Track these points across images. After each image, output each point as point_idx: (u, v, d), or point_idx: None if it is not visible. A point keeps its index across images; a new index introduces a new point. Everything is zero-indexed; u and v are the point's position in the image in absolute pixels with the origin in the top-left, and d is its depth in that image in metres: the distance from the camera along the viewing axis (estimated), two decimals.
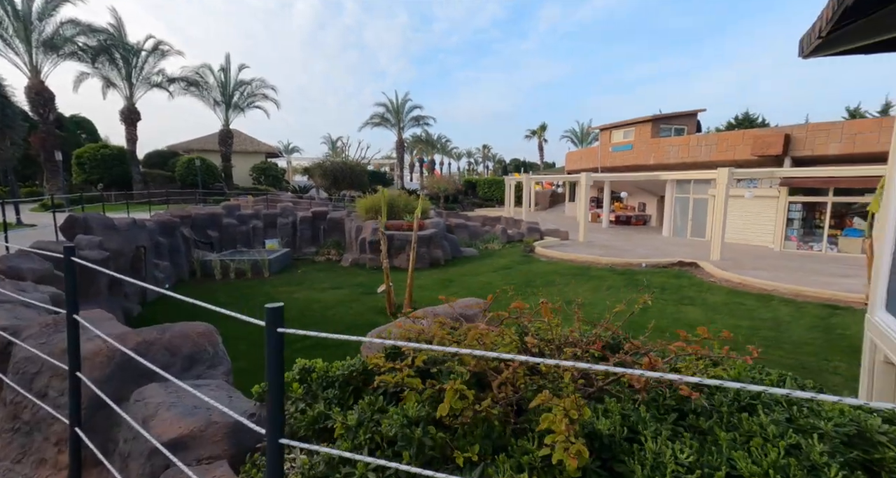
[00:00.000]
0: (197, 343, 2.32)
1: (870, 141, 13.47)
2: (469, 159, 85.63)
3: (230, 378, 2.40)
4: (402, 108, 45.10)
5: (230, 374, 2.43)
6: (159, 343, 2.20)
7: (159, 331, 2.30)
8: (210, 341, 2.39)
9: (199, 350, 2.32)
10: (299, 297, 8.72)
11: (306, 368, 1.92)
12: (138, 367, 1.94)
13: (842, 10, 2.42)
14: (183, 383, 1.63)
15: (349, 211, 15.54)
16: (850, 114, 37.07)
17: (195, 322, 2.50)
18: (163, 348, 2.20)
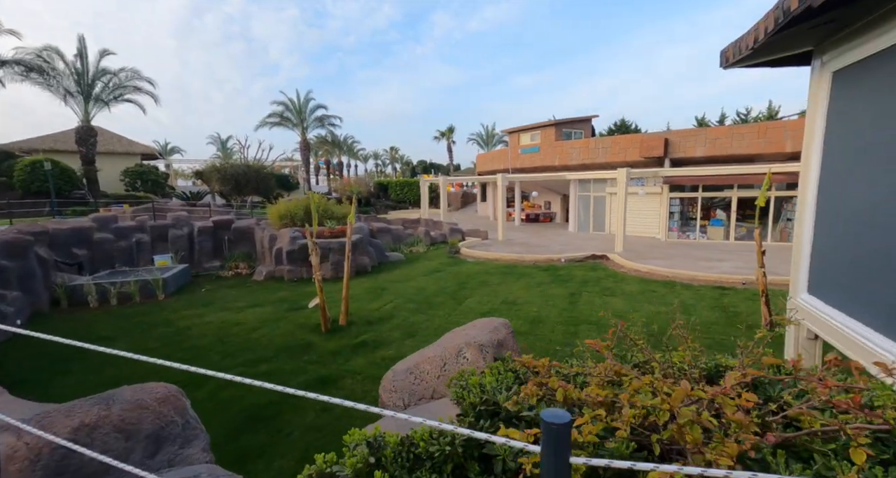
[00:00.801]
0: (160, 414, 1.74)
1: (725, 145, 16.08)
2: (377, 161, 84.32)
3: (210, 455, 1.84)
4: (305, 108, 42.62)
5: (209, 448, 1.86)
6: (107, 423, 1.59)
7: (101, 404, 1.66)
8: (177, 408, 1.81)
9: (165, 424, 1.74)
10: (212, 320, 7.56)
11: (375, 440, 1.40)
12: (83, 465, 1.35)
13: (787, 20, 2.68)
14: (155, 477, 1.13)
15: (258, 219, 14.07)
16: (699, 122, 44.15)
17: (149, 384, 1.88)
18: (113, 430, 1.59)
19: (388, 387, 1.85)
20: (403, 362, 1.96)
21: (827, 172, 3.25)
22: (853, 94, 2.99)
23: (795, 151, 14.90)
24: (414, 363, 1.82)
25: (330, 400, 1.46)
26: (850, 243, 2.93)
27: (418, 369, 1.78)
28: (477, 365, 1.74)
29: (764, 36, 2.97)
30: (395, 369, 1.91)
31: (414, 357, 1.95)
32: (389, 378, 1.89)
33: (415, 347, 6.07)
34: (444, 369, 1.77)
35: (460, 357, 1.79)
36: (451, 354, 1.81)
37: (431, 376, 1.77)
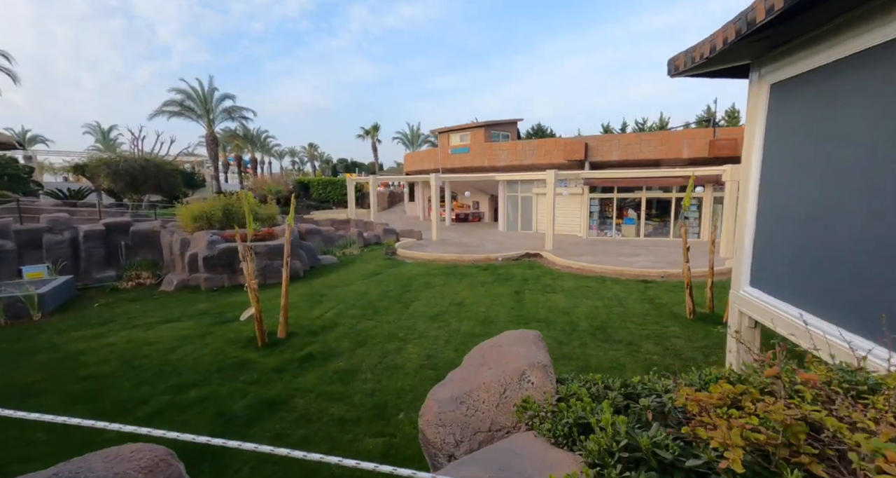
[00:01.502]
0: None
1: (635, 151, 17.70)
2: (293, 159, 79.88)
3: None
4: (211, 97, 38.85)
5: None
6: None
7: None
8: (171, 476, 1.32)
9: None
10: (114, 341, 6.39)
11: None
12: None
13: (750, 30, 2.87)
14: None
15: (164, 220, 12.35)
16: (605, 129, 48.37)
17: (126, 448, 1.36)
18: None
19: (434, 420, 1.56)
20: (444, 389, 1.68)
21: (767, 175, 3.59)
22: (790, 105, 3.32)
23: (691, 156, 16.89)
24: (464, 391, 1.56)
25: (377, 467, 1.16)
26: (789, 240, 3.25)
27: (471, 398, 1.53)
28: (544, 390, 1.55)
29: (722, 45, 3.17)
30: (438, 397, 1.62)
31: (458, 383, 1.69)
32: (433, 410, 1.60)
33: (367, 356, 5.70)
34: (504, 396, 1.55)
35: (524, 381, 1.57)
36: (512, 378, 1.58)
37: (488, 405, 1.53)
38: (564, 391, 1.52)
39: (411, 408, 4.38)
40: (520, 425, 1.44)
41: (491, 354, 1.93)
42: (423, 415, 1.65)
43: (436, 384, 1.87)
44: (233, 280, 10.08)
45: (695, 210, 17.56)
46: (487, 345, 2.20)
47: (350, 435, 3.93)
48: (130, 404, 4.47)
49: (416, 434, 3.91)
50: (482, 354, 2.03)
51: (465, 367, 1.87)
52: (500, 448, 1.24)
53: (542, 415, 1.35)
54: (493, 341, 2.20)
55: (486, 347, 2.17)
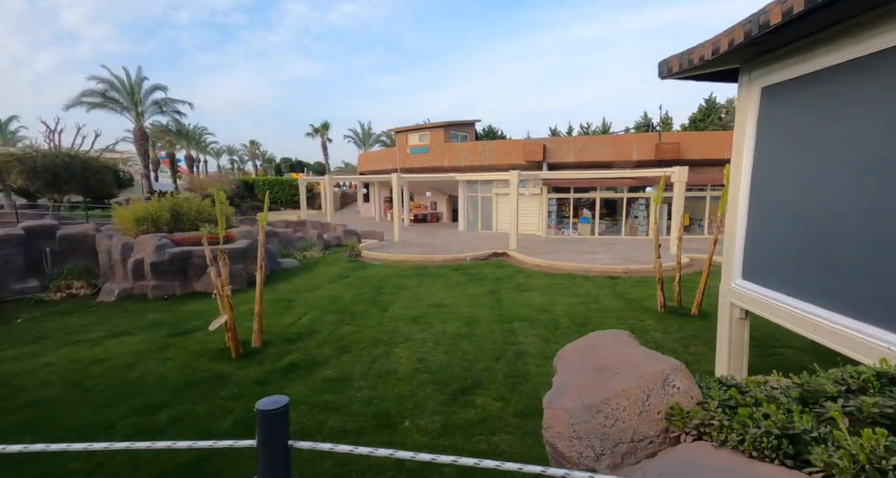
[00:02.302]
0: None
1: (589, 153, 18.50)
2: (232, 157, 75.46)
3: None
4: (139, 88, 35.71)
5: None
6: None
7: None
8: None
9: None
10: (53, 361, 5.55)
11: None
12: None
13: (761, 34, 3.02)
14: None
15: (98, 223, 11.05)
16: (552, 132, 50.35)
17: None
18: None
19: (566, 432, 1.41)
20: (566, 397, 1.53)
21: (758, 174, 3.81)
22: (782, 108, 3.54)
23: (639, 159, 17.95)
24: (600, 399, 1.42)
25: (501, 465, 1.01)
26: (787, 235, 3.46)
27: (609, 407, 1.39)
28: (691, 395, 1.45)
29: (727, 48, 3.32)
30: (564, 407, 1.47)
31: (582, 391, 1.54)
32: (563, 421, 1.45)
33: (356, 363, 5.41)
34: (647, 403, 1.43)
35: (668, 387, 1.46)
36: (655, 383, 1.47)
37: (630, 414, 1.41)
38: (718, 396, 1.38)
39: (416, 414, 4.19)
40: (666, 435, 1.35)
41: (597, 357, 1.82)
42: (549, 427, 1.50)
43: (548, 393, 1.73)
44: (185, 287, 9.21)
45: (643, 209, 18.69)
46: (580, 347, 2.09)
47: None
48: (89, 429, 3.88)
49: (427, 442, 3.75)
50: (583, 358, 1.91)
51: (572, 372, 1.74)
52: (678, 462, 1.14)
53: (715, 424, 1.24)
54: (584, 344, 2.09)
55: (580, 349, 2.05)
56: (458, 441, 3.74)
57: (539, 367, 5.24)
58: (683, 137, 18.22)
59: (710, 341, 6.01)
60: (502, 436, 3.82)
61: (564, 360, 1.94)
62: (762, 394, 1.38)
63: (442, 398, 4.51)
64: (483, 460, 1.27)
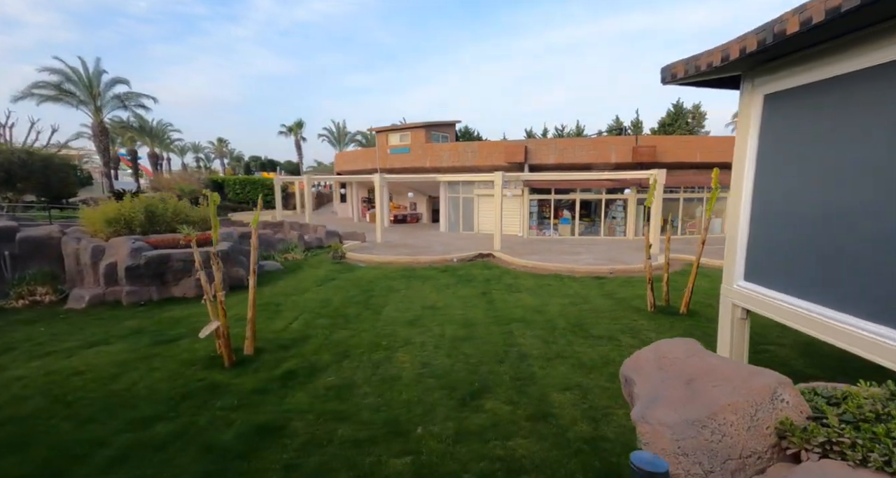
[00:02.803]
0: None
1: (570, 155, 18.84)
2: (198, 155, 72.75)
3: None
4: (98, 81, 33.92)
5: None
6: None
7: None
8: None
9: None
10: (25, 374, 5.13)
11: None
12: None
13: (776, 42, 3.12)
14: None
15: (62, 225, 10.36)
16: (528, 134, 51.00)
17: None
18: None
19: (671, 449, 1.36)
20: (661, 411, 1.48)
21: (761, 179, 3.95)
22: (787, 115, 3.67)
23: (617, 161, 18.43)
24: (704, 414, 1.38)
25: None
26: (794, 238, 3.59)
27: (715, 422, 1.35)
28: (800, 409, 1.43)
29: (738, 55, 3.42)
30: (664, 421, 1.42)
31: (679, 405, 1.49)
32: (666, 437, 1.41)
33: (357, 368, 5.28)
34: (756, 418, 1.41)
35: (776, 401, 1.43)
36: (762, 397, 1.44)
37: (737, 429, 1.37)
38: (829, 410, 1.35)
39: (427, 421, 4.11)
40: (774, 451, 1.33)
41: (677, 367, 1.80)
42: (649, 443, 1.46)
43: (638, 407, 1.69)
44: (163, 293, 8.76)
45: (621, 210, 19.19)
46: (651, 357, 2.06)
47: (372, 457, 3.56)
48: (81, 447, 3.59)
49: (443, 449, 3.68)
50: (661, 367, 1.89)
51: (656, 384, 1.71)
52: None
53: (846, 441, 1.22)
54: (655, 353, 2.07)
55: (653, 358, 2.03)
56: (475, 447, 3.69)
57: (543, 368, 5.26)
58: (659, 140, 18.83)
59: (703, 340, 6.18)
60: (517, 440, 3.79)
61: (640, 370, 1.92)
62: (868, 407, 1.39)
63: (451, 403, 4.45)
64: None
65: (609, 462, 3.45)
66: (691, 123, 43.84)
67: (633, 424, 1.65)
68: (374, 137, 55.85)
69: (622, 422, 4.04)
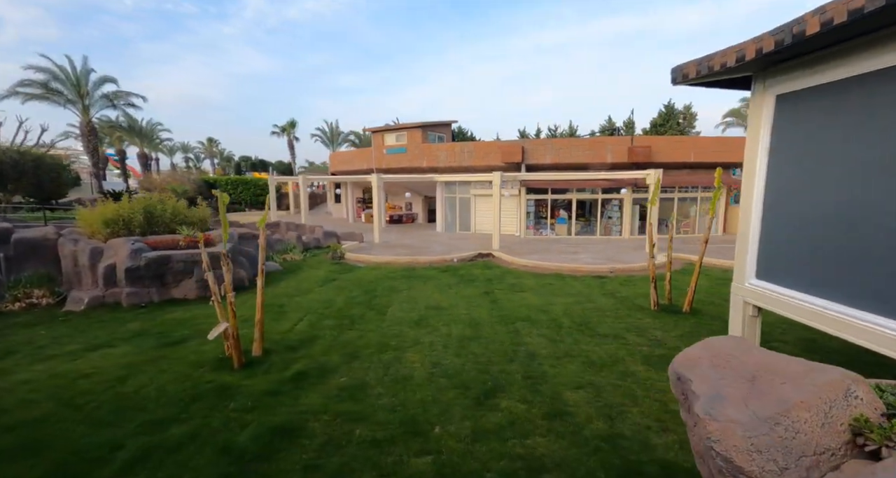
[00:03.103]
0: None
1: (566, 155, 18.95)
2: (187, 155, 71.84)
3: None
4: (86, 80, 33.49)
5: None
6: None
7: None
8: None
9: None
10: (32, 377, 5.03)
11: None
12: None
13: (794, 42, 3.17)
14: None
15: (58, 227, 10.17)
16: (521, 134, 51.22)
17: None
18: None
19: (744, 446, 1.37)
20: (730, 408, 1.48)
21: (774, 179, 4.01)
22: (800, 116, 3.74)
23: (613, 161, 18.57)
24: (777, 411, 1.39)
25: None
26: (808, 237, 3.66)
27: (788, 419, 1.36)
28: (875, 406, 1.45)
29: (754, 56, 3.47)
30: (735, 418, 1.42)
31: (750, 401, 1.50)
32: (737, 433, 1.41)
33: (368, 369, 5.27)
34: (830, 415, 1.42)
35: (850, 398, 1.45)
36: (836, 395, 1.46)
37: (811, 426, 1.39)
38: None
39: (444, 420, 4.12)
40: (849, 447, 1.35)
41: (734, 364, 1.80)
42: (720, 440, 1.46)
43: (701, 403, 1.67)
44: (163, 294, 8.64)
45: (617, 210, 19.35)
46: (703, 354, 2.05)
47: (392, 457, 3.56)
48: (99, 451, 3.54)
49: (463, 448, 3.69)
50: (716, 365, 1.89)
51: (715, 381, 1.71)
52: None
53: None
54: (706, 351, 2.07)
55: (706, 356, 2.02)
56: (494, 446, 3.71)
57: (553, 367, 5.28)
58: (653, 140, 19.01)
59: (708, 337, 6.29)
60: (536, 439, 3.81)
61: (693, 368, 1.92)
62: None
63: (466, 403, 4.45)
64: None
65: (628, 460, 3.49)
66: (682, 124, 44.39)
67: (693, 422, 1.67)
68: (367, 137, 55.55)
69: (637, 420, 4.08)
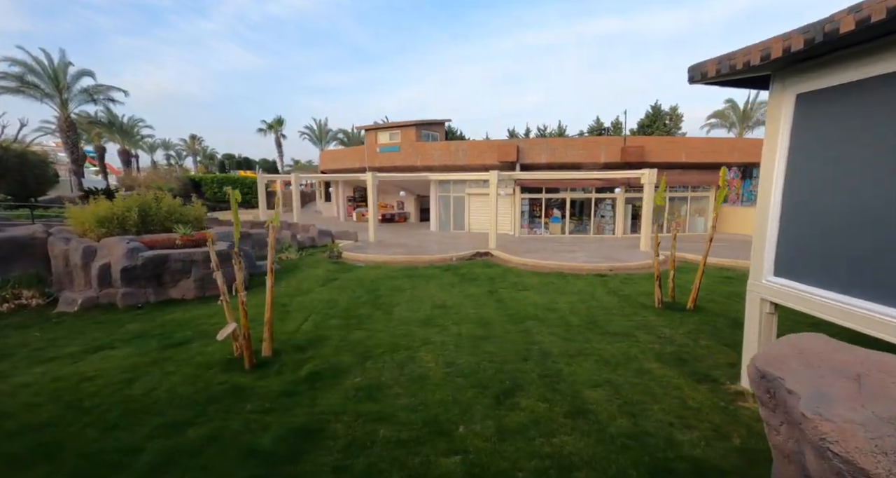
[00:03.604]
0: None
1: (561, 154, 19.07)
2: (168, 152, 70.18)
3: None
4: (64, 73, 32.51)
5: None
6: None
7: None
8: None
9: None
10: (32, 381, 4.81)
11: None
12: None
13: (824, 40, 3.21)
14: None
15: (46, 225, 9.81)
16: (510, 133, 51.49)
17: None
18: None
19: (866, 447, 1.33)
20: (847, 408, 1.44)
21: (794, 178, 4.06)
22: (821, 114, 3.79)
23: (606, 161, 18.75)
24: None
25: None
26: (831, 234, 3.70)
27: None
28: None
29: (781, 54, 3.50)
30: (853, 419, 1.37)
31: (869, 401, 1.47)
32: (858, 435, 1.38)
33: (383, 369, 5.21)
34: None
35: None
36: None
37: None
38: None
39: (466, 420, 4.08)
40: None
41: (827, 361, 1.78)
42: (839, 441, 1.42)
43: (804, 401, 1.64)
44: (160, 295, 8.40)
45: (609, 209, 19.56)
46: (789, 352, 2.01)
47: (420, 457, 3.51)
48: (116, 455, 3.40)
49: (490, 447, 3.65)
50: (809, 363, 1.85)
51: (813, 379, 1.66)
52: None
53: None
54: (791, 348, 2.03)
55: (793, 354, 1.98)
56: (521, 445, 3.68)
57: (568, 365, 5.29)
58: (646, 140, 19.26)
59: (714, 334, 6.39)
60: (561, 437, 3.80)
61: (782, 366, 1.89)
62: None
63: (486, 402, 4.42)
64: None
65: (657, 458, 3.49)
66: (669, 125, 45.21)
67: (782, 420, 1.65)
68: (356, 135, 55.02)
69: (659, 417, 4.11)
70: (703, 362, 5.34)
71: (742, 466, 3.37)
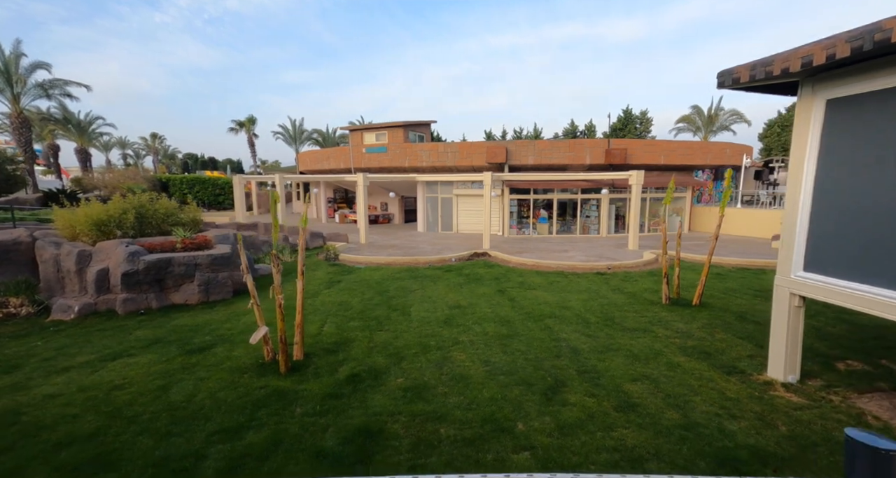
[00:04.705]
0: None
1: (548, 156, 19.46)
2: (125, 151, 66.71)
3: None
4: (16, 65, 30.56)
5: None
6: None
7: None
8: None
9: None
10: (57, 392, 4.50)
11: None
12: None
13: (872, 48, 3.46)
14: None
15: (31, 229, 9.16)
16: (487, 136, 52.06)
17: None
18: None
19: None
20: None
21: (824, 178, 4.33)
22: (852, 119, 4.07)
23: (591, 162, 19.28)
24: None
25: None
26: (859, 232, 3.98)
27: None
28: None
29: (824, 61, 3.75)
30: None
31: None
32: None
33: (422, 369, 5.20)
34: None
35: None
36: None
37: None
38: None
39: (522, 417, 4.14)
40: None
41: None
42: None
43: None
44: (162, 300, 8.02)
45: (594, 210, 20.12)
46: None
47: (491, 454, 3.54)
48: (181, 462, 3.26)
49: (556, 443, 3.72)
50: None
51: None
52: None
53: None
54: None
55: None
56: (585, 439, 3.77)
57: (601, 361, 5.44)
58: (629, 143, 19.93)
59: (728, 328, 6.71)
60: (620, 431, 3.92)
61: None
62: None
63: (535, 398, 4.50)
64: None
65: (717, 447, 3.66)
66: (639, 128, 46.96)
67: None
68: (331, 135, 53.96)
69: (704, 408, 4.30)
70: (726, 355, 5.62)
71: (796, 452, 3.58)
